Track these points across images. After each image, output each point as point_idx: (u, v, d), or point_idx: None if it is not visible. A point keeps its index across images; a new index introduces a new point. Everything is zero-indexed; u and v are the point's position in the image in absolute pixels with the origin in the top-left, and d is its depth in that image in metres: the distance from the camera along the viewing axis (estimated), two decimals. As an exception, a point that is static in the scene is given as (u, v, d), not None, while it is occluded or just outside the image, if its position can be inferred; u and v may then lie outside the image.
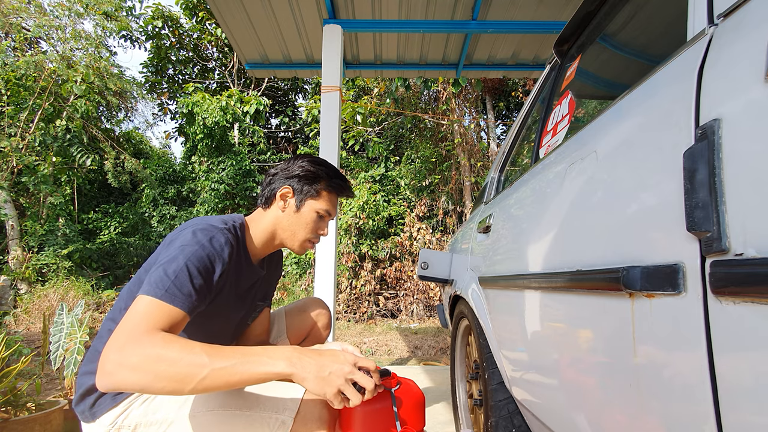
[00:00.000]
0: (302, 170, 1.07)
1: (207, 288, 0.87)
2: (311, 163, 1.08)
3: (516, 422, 1.05)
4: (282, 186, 1.07)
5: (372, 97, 8.02)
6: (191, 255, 0.85)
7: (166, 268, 0.82)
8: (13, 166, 6.17)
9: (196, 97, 8.12)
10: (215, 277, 0.90)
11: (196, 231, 0.90)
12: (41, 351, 2.20)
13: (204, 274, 0.86)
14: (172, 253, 0.85)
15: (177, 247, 0.86)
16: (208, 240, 0.89)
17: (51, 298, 5.45)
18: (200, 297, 0.85)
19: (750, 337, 0.37)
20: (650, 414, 0.51)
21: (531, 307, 0.88)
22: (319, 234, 1.11)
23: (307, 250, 1.12)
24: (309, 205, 1.07)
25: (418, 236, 6.56)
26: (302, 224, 1.08)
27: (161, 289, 0.79)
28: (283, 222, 1.08)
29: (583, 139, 0.75)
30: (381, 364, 3.56)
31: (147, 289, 0.80)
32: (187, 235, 0.89)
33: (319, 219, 1.09)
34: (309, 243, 1.11)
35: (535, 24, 2.98)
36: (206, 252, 0.88)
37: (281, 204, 1.07)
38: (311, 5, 2.78)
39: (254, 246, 1.09)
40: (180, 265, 0.82)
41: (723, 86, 0.43)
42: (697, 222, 0.42)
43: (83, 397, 0.92)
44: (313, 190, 1.07)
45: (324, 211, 1.08)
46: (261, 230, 1.08)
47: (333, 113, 2.73)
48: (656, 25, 0.82)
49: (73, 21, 7.39)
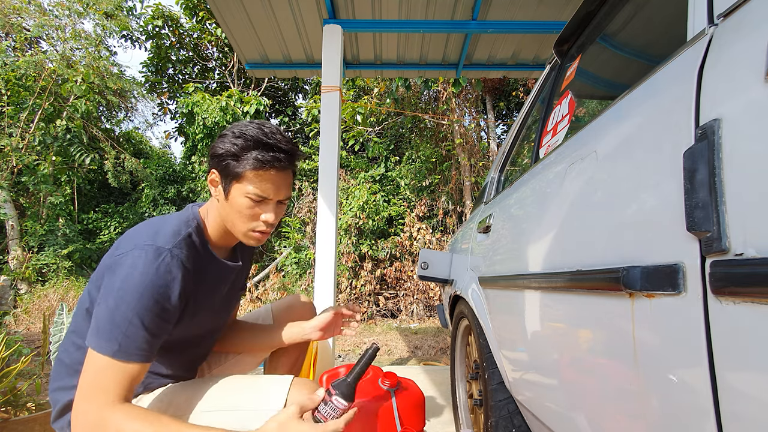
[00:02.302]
0: (223, 146, 0.89)
1: (166, 320, 0.83)
2: (233, 136, 0.88)
3: (516, 422, 1.05)
4: (210, 170, 0.93)
5: (372, 97, 8.02)
6: (138, 297, 0.78)
7: (113, 316, 0.77)
8: (13, 165, 6.17)
9: (196, 97, 8.12)
10: (173, 303, 0.83)
11: (137, 259, 0.80)
12: (41, 351, 2.20)
13: (156, 311, 0.80)
14: (117, 293, 0.78)
15: (120, 284, 0.78)
16: (154, 270, 0.80)
17: (51, 298, 5.45)
18: (158, 336, 0.83)
19: (750, 337, 0.37)
20: (650, 414, 0.51)
21: (531, 307, 0.87)
22: (261, 221, 0.93)
23: (258, 240, 0.95)
24: (236, 190, 0.89)
25: (418, 236, 6.56)
26: (235, 214, 0.91)
27: (113, 344, 0.77)
28: (222, 212, 0.94)
29: (583, 139, 0.75)
30: (381, 364, 3.56)
31: (98, 344, 0.77)
32: (129, 266, 0.79)
33: (255, 204, 0.90)
34: (254, 233, 0.94)
35: (535, 24, 2.98)
36: (154, 286, 0.79)
37: (215, 192, 0.94)
38: (311, 5, 2.78)
39: (217, 241, 0.98)
40: (128, 314, 0.77)
41: (723, 86, 0.43)
42: (697, 222, 0.42)
43: (61, 414, 0.91)
44: (235, 171, 0.88)
45: (254, 194, 0.89)
46: (212, 224, 0.97)
47: (333, 113, 2.73)
48: (656, 25, 0.82)
49: (73, 21, 7.39)
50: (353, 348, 4.37)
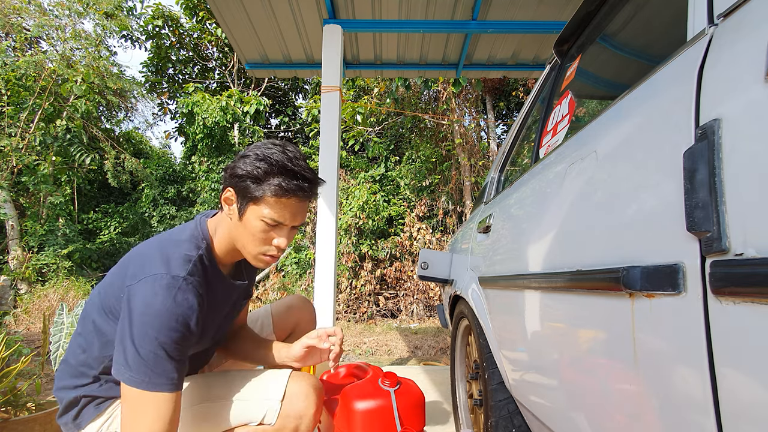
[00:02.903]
0: (244, 167, 0.86)
1: (187, 346, 0.84)
2: (256, 159, 0.86)
3: (516, 422, 1.05)
4: (226, 187, 0.90)
5: (372, 97, 8.02)
6: (159, 329, 0.78)
7: (138, 349, 0.77)
8: (13, 166, 6.17)
9: (196, 97, 8.12)
10: (192, 330, 0.83)
11: (154, 290, 0.79)
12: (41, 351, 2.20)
13: (177, 339, 0.80)
14: (139, 328, 0.77)
15: (140, 318, 0.78)
16: (171, 301, 0.79)
17: (51, 298, 5.45)
18: (183, 362, 0.83)
19: (750, 337, 0.37)
20: (650, 414, 0.51)
21: (531, 307, 0.87)
22: (273, 245, 0.91)
23: (267, 264, 0.94)
24: (251, 212, 0.87)
25: (418, 236, 6.56)
26: (248, 236, 0.89)
27: (144, 378, 0.77)
28: (233, 231, 0.92)
29: (583, 139, 0.75)
30: (381, 364, 3.56)
31: (129, 377, 0.78)
32: (148, 296, 0.78)
33: (270, 228, 0.88)
34: (265, 257, 0.92)
35: (535, 24, 2.98)
36: (174, 316, 0.79)
37: (227, 209, 0.91)
38: (311, 5, 2.78)
39: (224, 258, 0.97)
40: (152, 347, 0.77)
41: (723, 86, 0.43)
42: (697, 222, 0.42)
43: (66, 410, 0.93)
44: (254, 194, 0.85)
45: (270, 219, 0.86)
46: (221, 241, 0.95)
47: (333, 113, 2.73)
48: (656, 25, 0.82)
49: (73, 21, 7.39)
50: (353, 348, 4.37)
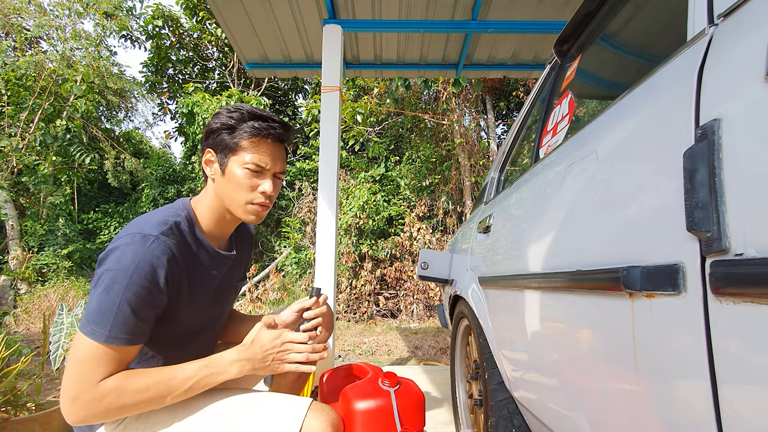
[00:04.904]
0: (218, 120, 0.93)
1: (153, 305, 0.84)
2: (227, 111, 0.93)
3: (516, 422, 1.05)
4: (204, 151, 0.95)
5: (372, 97, 8.02)
6: (127, 282, 0.79)
7: (101, 302, 0.79)
8: (13, 166, 6.18)
9: (196, 97, 8.11)
10: (160, 287, 0.84)
11: (125, 247, 0.81)
12: (41, 351, 2.20)
13: (144, 295, 0.81)
14: (107, 280, 0.80)
15: (109, 271, 0.80)
16: (140, 255, 0.81)
17: (51, 298, 5.46)
18: (146, 321, 0.84)
19: (750, 337, 0.37)
20: (650, 414, 0.51)
21: (531, 308, 0.88)
22: (259, 192, 0.94)
23: (259, 215, 0.96)
24: (232, 163, 0.92)
25: (418, 236, 6.56)
26: (233, 186, 0.92)
27: (103, 329, 0.78)
28: (218, 191, 0.95)
29: (583, 139, 0.75)
30: (381, 364, 3.56)
31: (89, 330, 0.79)
32: (118, 253, 0.81)
33: (253, 174, 0.92)
34: (254, 206, 0.94)
35: (535, 24, 2.98)
36: (143, 272, 0.81)
37: (210, 172, 0.95)
38: (311, 5, 2.78)
39: (210, 230, 0.99)
40: (117, 299, 0.79)
41: (723, 86, 0.43)
42: (697, 222, 0.42)
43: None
44: (230, 143, 0.91)
45: (252, 164, 0.91)
46: (207, 209, 0.97)
47: (333, 113, 2.73)
48: (656, 25, 0.82)
49: (72, 21, 7.39)
50: (353, 348, 4.37)
